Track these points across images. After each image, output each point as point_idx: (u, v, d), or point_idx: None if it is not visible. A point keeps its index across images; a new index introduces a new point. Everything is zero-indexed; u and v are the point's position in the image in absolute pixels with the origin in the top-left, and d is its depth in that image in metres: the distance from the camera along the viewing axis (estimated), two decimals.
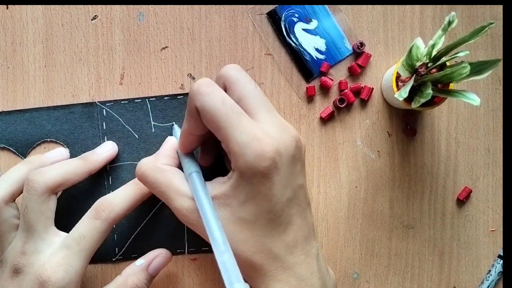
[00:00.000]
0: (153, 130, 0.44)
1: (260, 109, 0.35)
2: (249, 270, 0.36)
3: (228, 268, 0.32)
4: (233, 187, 0.35)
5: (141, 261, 0.41)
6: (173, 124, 0.44)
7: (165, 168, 0.38)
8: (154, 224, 0.44)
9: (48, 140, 0.44)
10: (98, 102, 0.44)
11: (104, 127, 0.44)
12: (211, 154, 0.41)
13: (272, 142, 0.33)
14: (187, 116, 0.36)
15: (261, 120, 0.35)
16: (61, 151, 0.43)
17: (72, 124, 0.44)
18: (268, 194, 0.34)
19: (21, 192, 0.40)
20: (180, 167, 0.39)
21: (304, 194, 0.37)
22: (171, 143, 0.40)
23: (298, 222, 0.36)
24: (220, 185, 0.36)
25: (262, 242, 0.34)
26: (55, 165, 0.40)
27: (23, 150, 0.44)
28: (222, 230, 0.34)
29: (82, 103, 0.44)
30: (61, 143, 0.44)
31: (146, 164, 0.38)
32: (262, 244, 0.34)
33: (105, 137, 0.44)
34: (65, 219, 0.41)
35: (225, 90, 0.36)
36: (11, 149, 0.44)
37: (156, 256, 0.41)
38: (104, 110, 0.44)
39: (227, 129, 0.33)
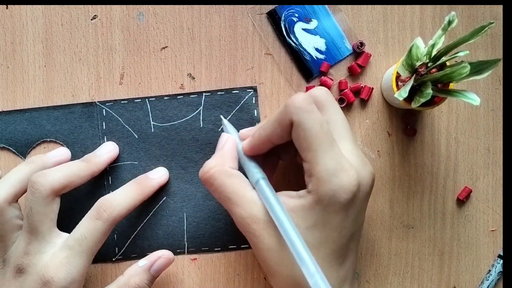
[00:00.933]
0: (152, 130, 0.44)
1: (346, 138, 0.36)
2: None
3: None
4: (304, 208, 0.35)
5: (143, 262, 0.41)
6: (222, 119, 0.42)
7: (233, 172, 0.37)
8: (154, 224, 0.44)
9: (48, 140, 0.44)
10: (97, 102, 0.44)
11: (104, 127, 0.44)
12: (273, 166, 0.41)
13: (357, 176, 0.34)
14: (274, 124, 0.36)
15: (345, 149, 0.35)
16: (63, 151, 0.43)
17: (72, 124, 0.44)
18: (339, 226, 0.34)
19: (24, 192, 0.40)
20: (239, 168, 0.38)
21: (361, 231, 0.37)
22: (233, 143, 0.39)
23: (353, 258, 0.36)
24: (290, 199, 0.35)
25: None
26: (59, 167, 0.40)
27: (22, 150, 0.44)
28: (306, 245, 0.33)
29: (82, 103, 0.44)
30: (61, 143, 0.44)
31: (215, 167, 0.37)
32: None
33: (105, 137, 0.44)
34: (65, 219, 0.41)
35: None
36: (11, 149, 0.44)
37: (159, 257, 0.41)
38: (103, 110, 0.44)
39: (317, 151, 0.34)
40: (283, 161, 0.42)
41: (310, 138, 0.34)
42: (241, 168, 0.38)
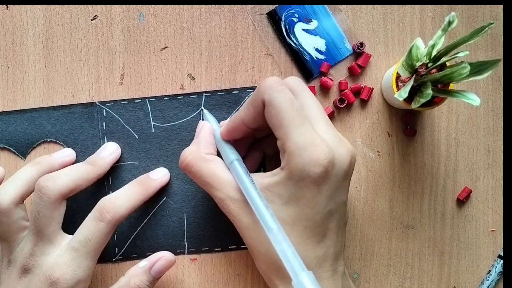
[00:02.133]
0: (153, 130, 0.44)
1: (321, 120, 0.37)
2: (273, 272, 0.36)
3: (290, 258, 0.32)
4: (278, 184, 0.35)
5: (144, 263, 0.41)
6: (202, 109, 0.44)
7: (208, 158, 0.38)
8: (154, 224, 0.44)
9: (48, 140, 0.44)
10: (98, 102, 0.44)
11: (104, 127, 0.44)
12: (256, 160, 0.42)
13: (329, 151, 0.34)
14: (247, 106, 0.37)
15: (320, 129, 0.36)
16: (68, 152, 0.43)
17: (72, 124, 0.44)
18: (312, 201, 0.34)
19: (30, 193, 0.40)
20: (217, 153, 0.40)
21: (344, 211, 0.37)
22: (208, 129, 0.41)
23: (332, 238, 0.36)
24: (264, 178, 0.36)
25: (295, 248, 0.34)
26: (66, 170, 0.40)
27: (23, 150, 0.44)
28: (275, 218, 0.34)
29: (82, 103, 0.44)
30: (61, 143, 0.44)
31: (190, 154, 0.38)
32: None
33: (105, 137, 0.44)
34: (66, 219, 0.41)
35: None
36: (11, 149, 0.44)
37: (159, 258, 0.41)
38: (104, 110, 0.44)
39: (288, 127, 0.34)
40: (268, 155, 0.43)
41: (280, 114, 0.34)
42: (220, 154, 0.40)
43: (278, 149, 0.37)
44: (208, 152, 0.39)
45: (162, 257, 0.41)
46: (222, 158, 0.39)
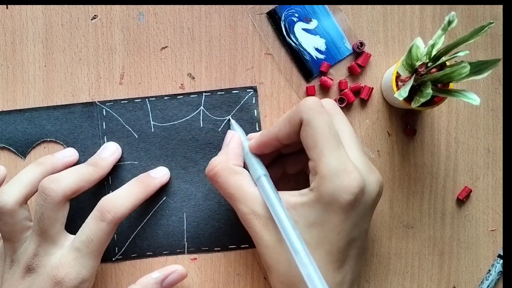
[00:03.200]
0: (152, 130, 0.44)
1: (354, 146, 0.37)
2: None
3: (316, 283, 0.32)
4: (305, 205, 0.35)
5: (157, 274, 0.41)
6: (230, 119, 0.43)
7: (237, 170, 0.38)
8: (154, 224, 0.44)
9: (48, 140, 0.44)
10: (98, 102, 0.44)
11: (104, 127, 0.44)
12: (276, 177, 0.41)
13: (361, 179, 0.34)
14: (284, 122, 0.37)
15: (353, 156, 0.36)
16: (71, 152, 0.43)
17: (72, 124, 0.44)
18: (338, 227, 0.34)
19: (34, 194, 0.40)
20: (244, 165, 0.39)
21: (365, 239, 0.37)
22: (237, 140, 0.40)
23: (351, 264, 0.36)
24: (290, 196, 0.36)
25: None
26: (69, 172, 0.40)
27: (23, 149, 0.44)
28: (302, 239, 0.34)
29: (82, 103, 0.44)
30: (61, 142, 0.44)
31: (219, 164, 0.38)
32: None
33: (105, 137, 0.44)
34: (66, 219, 0.41)
35: None
36: (11, 148, 0.44)
37: (173, 271, 0.42)
38: (104, 110, 0.44)
39: (323, 150, 0.34)
40: (288, 173, 0.42)
41: (317, 136, 0.34)
42: (246, 166, 0.39)
43: (299, 169, 0.37)
44: (237, 164, 0.38)
45: (176, 270, 0.42)
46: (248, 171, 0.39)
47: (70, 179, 0.39)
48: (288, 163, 0.42)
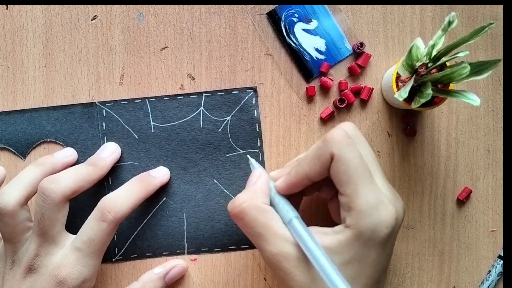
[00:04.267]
0: (152, 131, 0.44)
1: (378, 173, 0.36)
2: None
3: None
4: (342, 244, 0.34)
5: (159, 270, 0.42)
6: (249, 158, 0.41)
7: (265, 208, 0.36)
8: (154, 225, 0.44)
9: (48, 140, 0.44)
10: (98, 102, 0.44)
11: (104, 127, 0.44)
12: (297, 205, 0.40)
13: (396, 211, 0.34)
14: (312, 159, 0.35)
15: (379, 184, 0.35)
16: (70, 152, 0.43)
17: (72, 124, 0.44)
18: (375, 260, 0.34)
19: (34, 194, 0.40)
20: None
21: (389, 262, 0.37)
22: (265, 180, 0.38)
23: None
24: (324, 235, 0.35)
25: None
26: (69, 172, 0.40)
27: (23, 150, 0.44)
28: (345, 280, 0.32)
29: (82, 103, 0.44)
30: (61, 143, 0.44)
31: (247, 201, 0.36)
32: None
33: (105, 137, 0.44)
34: (66, 219, 0.41)
35: None
36: (11, 149, 0.44)
37: (174, 266, 0.42)
38: (104, 111, 0.44)
39: (357, 185, 0.33)
40: (307, 197, 0.41)
41: (350, 171, 0.33)
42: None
43: (316, 191, 0.36)
44: (265, 202, 0.36)
45: (178, 264, 0.43)
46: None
47: (70, 180, 0.39)
48: (307, 187, 0.39)
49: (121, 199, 0.39)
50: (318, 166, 0.35)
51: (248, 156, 0.42)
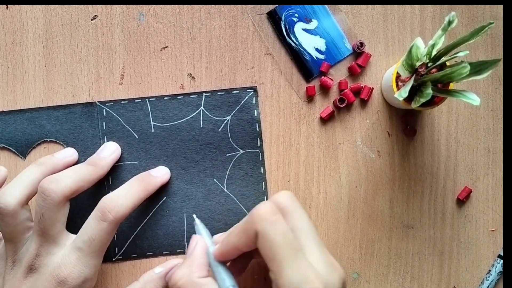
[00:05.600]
0: (152, 130, 0.44)
1: (313, 245, 0.36)
2: None
3: None
4: None
5: (159, 269, 0.42)
6: (194, 220, 0.41)
7: (201, 282, 0.36)
8: (154, 224, 0.44)
9: (48, 140, 0.44)
10: (98, 102, 0.44)
11: (104, 127, 0.44)
12: (243, 265, 0.41)
13: (323, 287, 0.33)
14: (239, 233, 0.36)
15: (312, 256, 0.35)
16: (70, 152, 0.43)
17: (72, 124, 0.44)
18: None
19: (35, 194, 0.40)
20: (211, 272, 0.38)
21: None
22: (201, 248, 0.39)
23: None
24: None
25: None
26: (69, 172, 0.40)
27: (23, 150, 0.44)
28: None
29: (82, 103, 0.44)
30: (61, 143, 0.44)
31: (182, 278, 0.36)
32: None
33: (105, 137, 0.44)
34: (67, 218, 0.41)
35: None
36: (11, 149, 0.44)
37: (175, 265, 0.42)
38: (104, 110, 0.44)
39: (282, 262, 0.33)
40: (256, 260, 0.41)
41: (274, 249, 0.33)
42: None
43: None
44: (201, 276, 0.37)
45: (178, 264, 0.42)
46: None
47: (70, 180, 0.39)
48: (254, 251, 0.40)
49: (122, 199, 0.39)
50: (244, 239, 0.35)
51: (194, 216, 0.41)
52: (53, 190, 0.38)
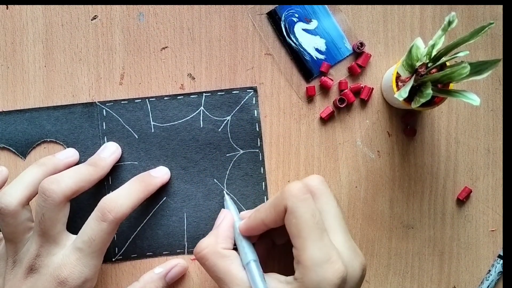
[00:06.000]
0: (153, 130, 0.44)
1: (338, 228, 0.37)
2: None
3: None
4: None
5: (159, 269, 0.42)
6: (224, 196, 0.43)
7: (225, 253, 0.38)
8: (154, 224, 0.44)
9: (48, 140, 0.44)
10: (98, 102, 0.44)
11: (104, 127, 0.44)
12: (266, 247, 0.42)
13: (343, 269, 0.34)
14: (269, 208, 0.37)
15: (336, 239, 0.36)
16: (72, 152, 0.43)
17: (72, 124, 0.44)
18: None
19: (36, 194, 0.40)
20: (235, 244, 0.39)
21: None
22: (229, 222, 0.40)
23: None
24: (278, 283, 0.36)
25: None
26: (69, 172, 0.40)
27: (23, 150, 0.44)
28: None
29: (82, 103, 0.44)
30: (61, 143, 0.44)
31: (207, 247, 0.38)
32: None
33: (105, 137, 0.44)
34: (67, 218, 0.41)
35: None
36: (11, 149, 0.44)
37: (175, 265, 0.43)
38: (104, 110, 0.44)
39: (306, 240, 0.34)
40: (277, 245, 0.42)
41: (300, 225, 0.34)
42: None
43: (287, 239, 0.37)
44: (225, 247, 0.38)
45: (178, 264, 0.43)
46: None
47: (70, 180, 0.39)
48: (276, 234, 0.41)
49: (122, 199, 0.39)
50: (273, 215, 0.36)
51: (225, 192, 0.43)
52: (54, 190, 0.38)
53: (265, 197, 0.44)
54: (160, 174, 0.43)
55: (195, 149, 0.44)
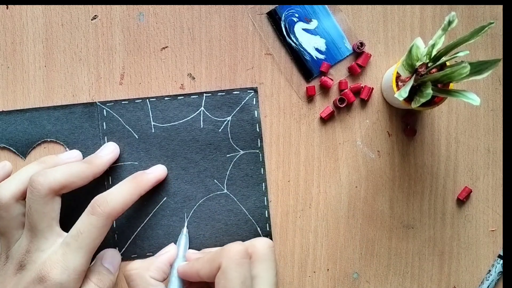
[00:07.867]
0: (153, 131, 0.44)
1: None
2: None
3: None
4: None
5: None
6: (182, 229, 0.43)
7: (152, 282, 0.38)
8: (155, 224, 0.44)
9: (48, 140, 0.44)
10: (98, 102, 0.44)
11: (104, 127, 0.44)
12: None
13: None
14: (206, 263, 0.37)
15: None
16: (75, 153, 0.43)
17: (72, 124, 0.44)
18: None
19: None
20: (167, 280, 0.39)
21: None
22: (170, 256, 0.40)
23: None
24: None
25: None
26: (60, 167, 0.40)
27: (23, 150, 0.44)
28: None
29: (82, 103, 0.44)
30: (61, 143, 0.44)
31: (137, 269, 0.38)
32: None
33: (105, 137, 0.44)
34: (66, 219, 0.41)
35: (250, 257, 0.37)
36: (11, 149, 0.44)
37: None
38: (104, 110, 0.44)
39: None
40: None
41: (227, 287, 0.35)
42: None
43: None
44: (154, 277, 0.38)
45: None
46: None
47: (58, 173, 0.39)
48: (212, 285, 0.41)
49: (112, 195, 0.39)
50: (207, 269, 0.36)
51: (184, 228, 0.43)
52: (40, 182, 0.38)
53: (265, 197, 0.44)
54: (153, 171, 0.43)
55: (195, 149, 0.44)
